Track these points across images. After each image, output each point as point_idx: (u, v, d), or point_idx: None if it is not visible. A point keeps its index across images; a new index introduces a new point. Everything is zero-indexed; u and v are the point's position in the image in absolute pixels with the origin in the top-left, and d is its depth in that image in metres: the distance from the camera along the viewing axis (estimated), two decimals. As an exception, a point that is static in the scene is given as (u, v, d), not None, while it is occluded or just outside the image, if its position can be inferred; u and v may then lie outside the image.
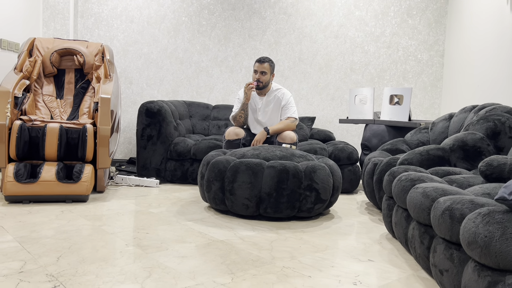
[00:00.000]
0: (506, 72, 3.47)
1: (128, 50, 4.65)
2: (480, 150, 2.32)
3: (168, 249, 1.96)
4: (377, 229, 2.50)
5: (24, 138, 2.84)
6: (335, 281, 1.67)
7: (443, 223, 1.42)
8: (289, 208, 2.51)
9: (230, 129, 3.30)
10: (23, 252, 1.84)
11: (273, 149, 2.75)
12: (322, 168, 2.59)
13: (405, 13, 4.74)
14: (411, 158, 2.43)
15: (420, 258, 1.74)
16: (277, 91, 3.41)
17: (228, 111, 4.48)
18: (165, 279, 1.60)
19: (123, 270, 1.67)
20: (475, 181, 1.86)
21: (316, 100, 4.84)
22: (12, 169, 2.74)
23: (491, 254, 1.11)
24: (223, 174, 2.57)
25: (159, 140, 3.76)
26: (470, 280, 1.22)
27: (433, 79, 4.78)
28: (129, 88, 4.69)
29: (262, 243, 2.12)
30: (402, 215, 1.99)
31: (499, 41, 3.60)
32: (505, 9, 3.53)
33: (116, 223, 2.37)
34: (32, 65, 3.42)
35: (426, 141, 3.10)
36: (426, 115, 4.82)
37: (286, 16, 4.80)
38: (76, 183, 2.81)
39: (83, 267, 1.69)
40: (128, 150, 4.73)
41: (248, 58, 4.80)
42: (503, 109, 2.47)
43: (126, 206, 2.81)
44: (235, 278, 1.64)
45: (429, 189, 1.67)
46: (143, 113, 3.77)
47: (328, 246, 2.12)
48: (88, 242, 2.01)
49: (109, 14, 4.60)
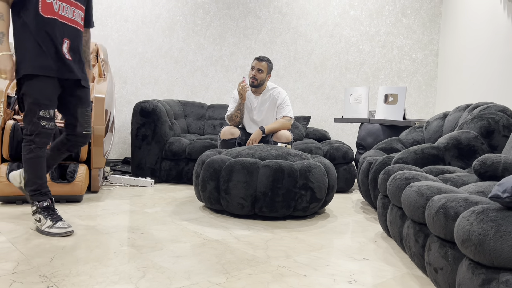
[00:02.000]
0: (500, 71, 3.48)
1: (122, 50, 4.63)
2: (474, 148, 2.33)
3: (162, 249, 1.95)
4: (372, 227, 2.50)
5: (17, 138, 2.81)
6: (330, 280, 1.66)
7: (438, 221, 1.42)
8: (284, 207, 2.51)
9: (225, 129, 3.30)
10: (16, 252, 1.82)
11: (268, 149, 2.74)
12: (317, 167, 2.59)
13: (400, 13, 4.75)
14: (405, 157, 2.44)
15: (415, 257, 1.74)
16: (272, 90, 3.41)
17: (223, 110, 4.47)
18: (159, 279, 1.59)
19: (117, 270, 1.66)
20: (469, 180, 1.87)
21: (311, 99, 4.85)
22: (5, 169, 2.72)
23: (485, 252, 1.11)
24: (218, 173, 2.56)
25: (154, 139, 3.75)
26: (464, 278, 1.23)
27: (428, 78, 4.80)
28: (123, 88, 4.67)
29: (258, 242, 2.12)
30: (397, 213, 1.99)
31: (493, 40, 3.62)
32: (498, 8, 3.55)
33: (111, 223, 2.36)
34: (25, 65, 3.39)
35: (421, 140, 3.11)
36: (420, 114, 4.84)
37: (281, 16, 4.79)
38: (70, 183, 2.79)
39: (77, 268, 1.67)
40: (122, 150, 4.71)
41: (243, 58, 4.80)
42: (496, 108, 2.48)
43: (120, 206, 2.79)
44: (230, 278, 1.64)
45: (423, 187, 1.67)
46: (138, 112, 3.75)
47: (324, 245, 2.12)
48: (82, 242, 2.00)
49: (103, 13, 4.57)
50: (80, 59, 2.25)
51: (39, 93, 2.07)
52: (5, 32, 2.04)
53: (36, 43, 2.06)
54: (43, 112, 2.08)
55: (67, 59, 2.14)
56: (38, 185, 2.14)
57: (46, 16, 2.06)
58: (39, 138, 2.10)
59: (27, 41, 2.06)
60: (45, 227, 2.09)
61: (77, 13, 2.21)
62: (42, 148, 2.13)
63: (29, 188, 2.15)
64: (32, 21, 2.04)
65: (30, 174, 2.13)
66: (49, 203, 2.16)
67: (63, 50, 2.13)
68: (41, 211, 2.13)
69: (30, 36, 2.05)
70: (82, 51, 2.27)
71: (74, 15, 2.19)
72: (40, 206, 2.14)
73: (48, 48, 2.08)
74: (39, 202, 2.14)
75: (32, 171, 2.13)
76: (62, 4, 2.12)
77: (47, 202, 2.16)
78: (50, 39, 2.08)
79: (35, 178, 2.14)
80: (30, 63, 2.05)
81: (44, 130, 2.09)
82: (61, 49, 2.12)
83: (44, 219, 2.11)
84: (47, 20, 2.07)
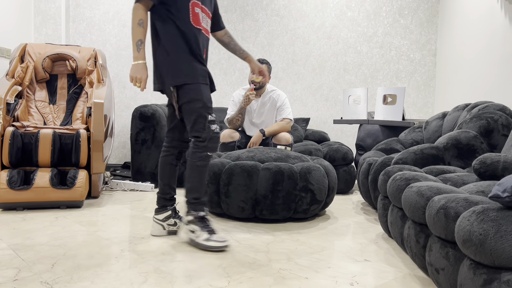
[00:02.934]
0: (498, 69, 3.49)
1: (121, 55, 4.63)
2: (473, 148, 2.33)
3: (164, 253, 1.95)
4: (373, 229, 2.50)
5: (17, 145, 2.82)
6: (332, 282, 1.66)
7: (438, 221, 1.42)
8: (284, 209, 2.51)
9: (225, 132, 3.30)
10: (17, 259, 1.82)
11: (268, 151, 2.75)
12: (317, 169, 2.59)
13: (397, 13, 4.76)
14: (405, 157, 2.44)
15: (416, 257, 1.74)
16: (272, 93, 3.41)
17: (222, 113, 4.48)
18: (161, 284, 1.59)
19: (119, 276, 1.66)
20: (469, 179, 1.87)
21: (310, 101, 4.85)
22: (5, 176, 2.72)
23: (486, 252, 1.11)
24: (218, 177, 2.56)
25: (153, 144, 3.75)
26: (466, 278, 1.23)
27: (426, 78, 4.81)
28: (122, 93, 4.68)
29: (258, 245, 2.11)
30: (397, 214, 1.99)
31: (491, 39, 3.63)
32: (495, 7, 3.56)
33: (111, 228, 2.36)
34: (24, 71, 3.39)
35: (420, 140, 3.11)
36: (419, 114, 4.84)
37: (278, 18, 4.80)
38: (70, 189, 2.79)
39: (78, 274, 1.67)
40: (122, 155, 4.71)
41: (242, 61, 4.80)
42: (495, 107, 2.49)
43: (121, 211, 2.79)
44: (232, 282, 1.64)
45: (423, 188, 1.67)
46: (137, 117, 3.76)
47: (325, 247, 2.11)
48: (83, 248, 2.00)
49: (101, 18, 4.58)
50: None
51: (205, 98, 2.07)
52: (143, 40, 2.05)
53: (190, 52, 2.07)
54: (211, 116, 2.07)
55: (207, 68, 2.17)
56: (199, 194, 2.09)
57: (195, 27, 2.10)
58: (211, 143, 2.07)
59: (180, 50, 2.06)
60: (201, 240, 2.02)
61: (209, 22, 2.25)
62: (212, 154, 2.10)
63: (191, 195, 2.09)
64: (186, 30, 2.07)
65: (195, 182, 2.07)
66: (205, 214, 2.10)
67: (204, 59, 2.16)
68: (197, 221, 2.06)
69: (185, 45, 2.07)
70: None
71: (208, 24, 2.23)
72: (196, 216, 2.07)
73: (198, 57, 2.11)
74: (196, 212, 2.08)
75: (198, 179, 2.07)
76: (202, 14, 2.16)
77: (204, 212, 2.09)
78: (198, 48, 2.10)
79: (199, 186, 2.08)
80: (189, 71, 2.06)
81: (214, 134, 2.07)
82: (203, 58, 2.15)
83: (199, 231, 2.04)
84: (196, 30, 2.10)
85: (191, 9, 2.08)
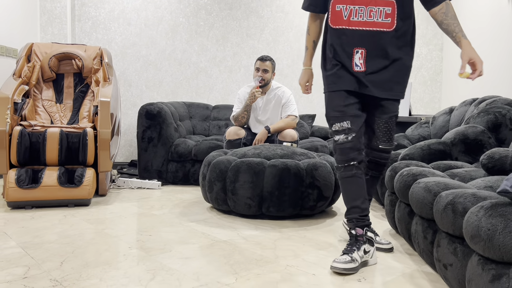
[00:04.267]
0: (505, 64, 3.46)
1: (126, 53, 4.65)
2: (481, 143, 2.31)
3: (171, 250, 1.96)
4: (380, 225, 2.49)
5: (25, 144, 2.84)
6: (339, 278, 1.66)
7: (446, 217, 1.41)
8: (291, 206, 2.51)
9: (231, 129, 3.30)
10: (26, 257, 1.84)
11: (274, 148, 2.74)
12: (324, 166, 2.59)
13: (403, 8, 4.72)
14: (412, 153, 2.42)
15: (424, 253, 1.73)
16: (277, 90, 3.40)
17: (228, 111, 4.48)
18: (169, 281, 1.60)
19: (127, 273, 1.67)
20: (477, 175, 1.85)
21: (316, 97, 4.84)
22: (13, 175, 2.75)
23: (495, 247, 1.11)
24: (225, 174, 2.57)
25: (160, 142, 3.76)
26: (474, 274, 1.22)
27: (433, 73, 4.77)
28: (128, 91, 4.69)
29: (266, 242, 2.12)
30: (404, 210, 1.98)
31: (498, 33, 3.59)
32: (503, 1, 3.52)
33: (119, 226, 2.37)
34: (30, 71, 3.42)
35: (427, 136, 3.09)
36: (426, 110, 4.81)
37: (283, 14, 4.79)
38: (78, 187, 2.81)
39: (87, 271, 1.69)
40: (129, 153, 4.73)
41: (247, 57, 4.80)
42: (503, 102, 2.46)
43: (128, 209, 2.81)
44: (239, 278, 1.64)
45: (431, 183, 1.67)
46: (143, 115, 3.77)
47: (332, 244, 2.11)
48: (91, 245, 2.01)
49: (106, 17, 4.59)
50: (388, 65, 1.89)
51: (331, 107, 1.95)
52: (308, 46, 2.06)
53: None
54: (335, 126, 1.89)
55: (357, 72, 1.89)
56: (351, 206, 1.88)
57: (334, 28, 1.89)
58: (335, 155, 1.91)
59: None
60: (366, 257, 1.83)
61: (378, 12, 1.83)
62: (343, 166, 1.87)
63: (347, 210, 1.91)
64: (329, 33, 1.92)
65: (342, 195, 1.92)
66: (365, 233, 1.85)
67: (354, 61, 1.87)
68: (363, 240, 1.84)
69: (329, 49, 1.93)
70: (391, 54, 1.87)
71: (372, 15, 1.83)
72: (355, 234, 1.84)
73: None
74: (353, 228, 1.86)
75: (342, 192, 1.91)
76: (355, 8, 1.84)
77: (362, 230, 1.84)
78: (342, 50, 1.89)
79: (347, 200, 1.89)
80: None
81: (337, 146, 1.88)
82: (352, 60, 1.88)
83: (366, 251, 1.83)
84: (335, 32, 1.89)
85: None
